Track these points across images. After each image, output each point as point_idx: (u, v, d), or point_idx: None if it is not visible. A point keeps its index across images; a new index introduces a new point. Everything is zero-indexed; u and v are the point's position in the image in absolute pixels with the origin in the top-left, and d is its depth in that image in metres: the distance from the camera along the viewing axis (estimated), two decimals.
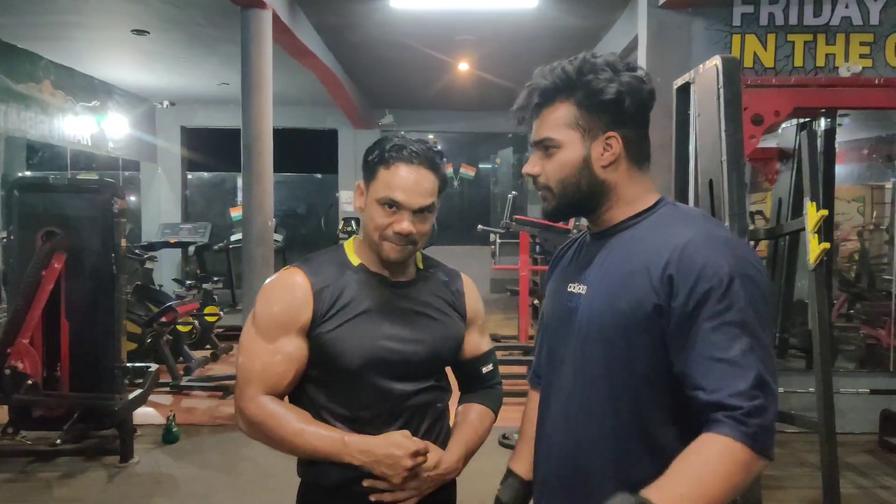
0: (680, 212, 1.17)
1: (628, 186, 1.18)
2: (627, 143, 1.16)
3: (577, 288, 1.22)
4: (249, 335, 1.39)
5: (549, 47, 6.18)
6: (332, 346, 1.36)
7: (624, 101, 1.13)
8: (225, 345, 7.06)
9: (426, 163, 1.37)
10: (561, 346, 1.25)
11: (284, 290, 1.39)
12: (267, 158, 4.69)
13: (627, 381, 1.11)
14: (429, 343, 1.44)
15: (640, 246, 1.13)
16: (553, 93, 1.17)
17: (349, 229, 8.70)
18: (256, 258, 4.67)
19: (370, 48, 6.54)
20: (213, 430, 4.65)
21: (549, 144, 1.19)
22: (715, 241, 1.07)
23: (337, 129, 9.61)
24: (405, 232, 1.36)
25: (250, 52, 4.66)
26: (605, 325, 1.13)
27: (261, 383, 1.35)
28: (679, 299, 1.05)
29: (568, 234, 4.90)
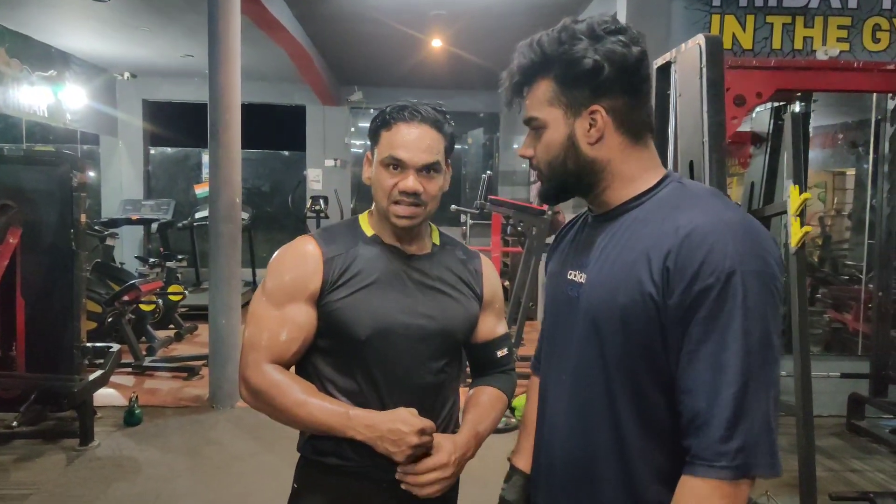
0: (687, 191, 1.07)
1: (624, 163, 1.09)
2: (616, 116, 1.07)
3: (577, 276, 1.14)
4: (258, 302, 1.37)
5: (525, 24, 6.07)
6: (341, 316, 1.33)
7: (602, 69, 1.03)
8: (189, 324, 6.90)
9: (428, 121, 1.35)
10: (560, 336, 1.18)
11: (295, 258, 1.37)
12: (235, 133, 4.53)
13: (625, 380, 1.04)
14: (441, 319, 1.39)
15: (641, 231, 1.05)
16: (532, 70, 1.09)
17: (317, 208, 8.53)
18: (223, 236, 4.52)
19: (341, 22, 6.36)
20: (177, 412, 4.53)
21: (534, 125, 1.12)
22: (723, 228, 0.97)
23: (305, 106, 9.38)
24: (410, 189, 1.32)
25: (217, 22, 4.47)
26: (602, 319, 1.05)
27: (267, 351, 1.32)
28: (675, 297, 0.97)
29: (542, 214, 4.84)
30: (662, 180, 1.10)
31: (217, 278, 4.56)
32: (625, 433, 1.04)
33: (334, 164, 9.42)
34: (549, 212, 4.84)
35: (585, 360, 1.09)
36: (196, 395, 4.88)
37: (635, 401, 1.03)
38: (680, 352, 0.98)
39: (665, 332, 0.99)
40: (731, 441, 0.92)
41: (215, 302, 4.58)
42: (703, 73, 2.94)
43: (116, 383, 4.95)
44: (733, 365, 0.93)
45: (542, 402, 1.24)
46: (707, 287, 0.94)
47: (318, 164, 9.47)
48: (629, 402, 1.04)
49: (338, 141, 9.44)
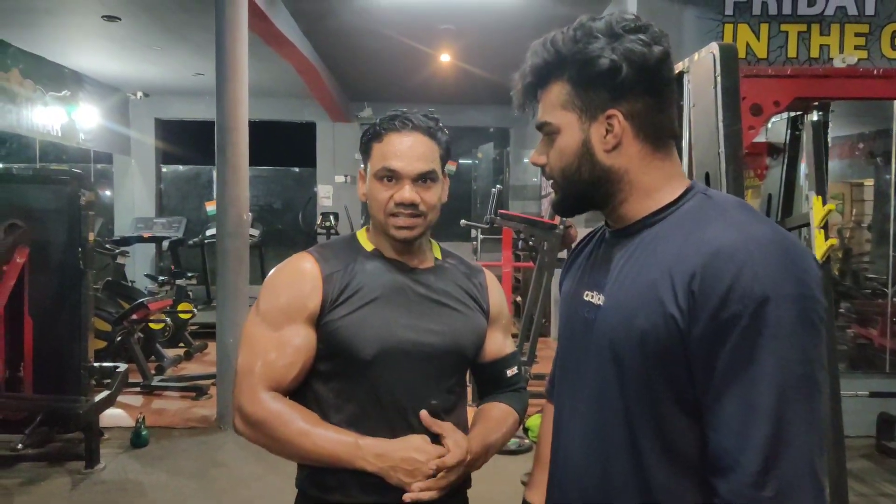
0: (713, 204, 0.97)
1: (644, 173, 1.00)
2: (635, 121, 0.98)
3: (593, 297, 1.05)
4: (252, 325, 1.29)
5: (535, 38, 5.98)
6: (343, 335, 1.25)
7: (620, 70, 0.95)
8: (199, 342, 6.86)
9: (420, 129, 1.30)
10: (574, 361, 1.09)
11: (292, 276, 1.29)
12: (242, 149, 4.50)
13: (646, 410, 0.94)
14: (449, 335, 1.31)
15: (664, 248, 0.95)
16: (545, 71, 1.01)
17: (327, 224, 8.51)
18: (230, 253, 4.48)
19: (349, 37, 6.35)
20: (185, 433, 4.46)
21: (547, 130, 1.03)
22: (753, 246, 0.86)
23: (315, 122, 9.38)
24: (407, 200, 1.26)
25: (225, 39, 4.45)
26: (621, 347, 0.96)
27: (263, 378, 1.24)
28: (700, 325, 0.86)
29: (554, 229, 4.76)
30: (686, 192, 1.00)
31: (224, 296, 4.52)
32: (646, 467, 0.94)
33: (345, 181, 9.40)
34: (560, 226, 4.75)
35: (602, 388, 1.00)
36: (204, 415, 4.81)
37: (658, 432, 0.94)
38: (703, 383, 0.88)
39: (690, 362, 0.90)
40: (764, 488, 0.82)
41: (223, 320, 4.53)
42: (718, 82, 2.85)
43: (124, 403, 4.90)
44: (766, 404, 0.83)
45: (555, 432, 1.15)
46: (735, 315, 0.84)
47: (328, 180, 9.45)
48: (651, 434, 0.94)
49: (348, 157, 9.41)
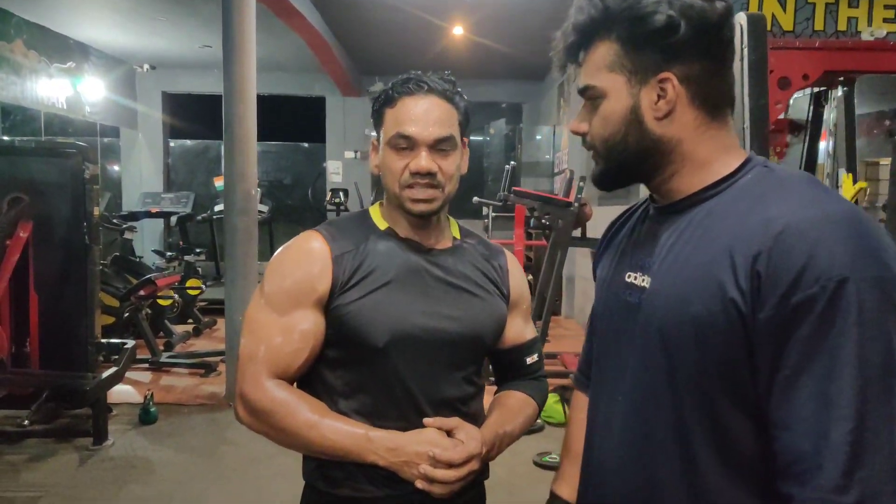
0: (776, 177, 0.87)
1: (698, 143, 0.90)
2: (691, 86, 0.88)
3: (637, 279, 0.96)
4: (256, 309, 1.20)
5: (549, 9, 5.87)
6: (354, 320, 1.16)
7: (677, 28, 0.85)
8: (208, 319, 6.82)
9: (435, 92, 1.19)
10: (614, 350, 1.00)
11: (299, 257, 1.20)
12: (250, 124, 4.40)
13: (700, 404, 0.85)
14: (467, 322, 1.23)
15: (720, 226, 0.86)
16: (591, 29, 0.91)
17: (336, 201, 8.42)
18: (239, 229, 4.41)
19: (361, 9, 6.21)
20: (194, 411, 4.43)
21: (591, 94, 0.93)
22: (827, 223, 0.77)
23: (325, 97, 9.25)
24: (424, 169, 1.16)
25: (232, 10, 4.34)
26: (672, 333, 0.87)
27: (268, 365, 1.16)
28: (768, 310, 0.78)
29: (569, 207, 4.65)
30: (744, 164, 0.90)
31: (233, 273, 4.45)
32: (698, 467, 0.86)
33: (354, 156, 9.29)
34: (575, 204, 4.65)
35: (648, 379, 0.91)
36: (213, 392, 4.78)
37: (712, 429, 0.85)
38: (770, 376, 0.79)
39: (752, 350, 0.81)
40: (848, 493, 0.73)
41: (231, 297, 4.47)
42: (745, 53, 2.73)
43: (132, 379, 4.87)
44: (846, 398, 0.74)
45: (590, 427, 1.06)
46: (810, 298, 0.75)
47: (338, 156, 9.34)
48: (704, 431, 0.85)
49: (358, 132, 9.29)
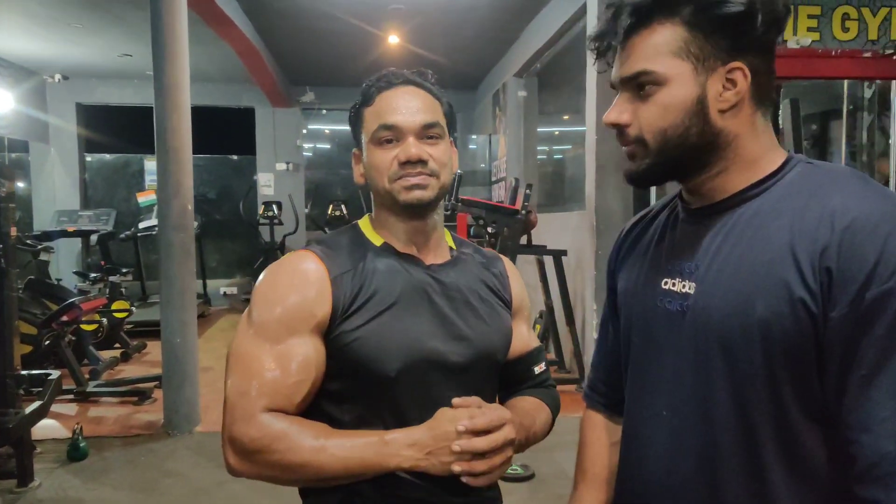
0: (824, 172, 0.85)
1: (752, 139, 0.87)
2: (756, 79, 0.84)
3: (678, 285, 0.90)
4: (244, 341, 1.05)
5: (487, 18, 5.87)
6: (361, 349, 1.04)
7: (756, 17, 0.81)
8: (137, 342, 6.44)
9: (414, 83, 1.14)
10: (656, 362, 0.93)
11: (293, 279, 1.07)
12: (185, 135, 4.17)
13: (769, 414, 0.80)
14: (477, 340, 1.13)
15: (775, 224, 0.82)
16: (650, 9, 0.84)
17: (269, 214, 8.17)
18: (175, 246, 4.15)
19: (293, 18, 6.03)
20: (128, 443, 4.12)
21: (645, 80, 0.85)
22: (894, 216, 0.76)
23: (254, 108, 8.98)
24: (414, 157, 1.07)
25: (163, 16, 4.10)
26: (734, 339, 0.82)
27: (263, 399, 1.01)
28: (841, 307, 0.75)
29: (516, 214, 4.63)
30: (787, 161, 0.87)
31: (169, 292, 4.19)
32: (771, 483, 0.81)
33: (287, 168, 9.04)
34: (523, 211, 4.63)
35: (707, 392, 0.85)
36: (149, 421, 4.47)
37: (782, 438, 0.80)
38: (844, 376, 0.75)
39: (822, 351, 0.77)
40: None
41: (168, 318, 4.21)
42: None
43: (58, 413, 4.51)
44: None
45: (630, 447, 0.99)
46: (886, 293, 0.73)
47: (269, 168, 9.07)
48: (774, 440, 0.81)
49: (289, 144, 9.06)
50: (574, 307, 4.92)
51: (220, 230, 9.46)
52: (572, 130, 6.77)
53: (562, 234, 5.27)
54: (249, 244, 9.14)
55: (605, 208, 4.36)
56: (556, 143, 7.49)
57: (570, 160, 6.85)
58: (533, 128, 7.23)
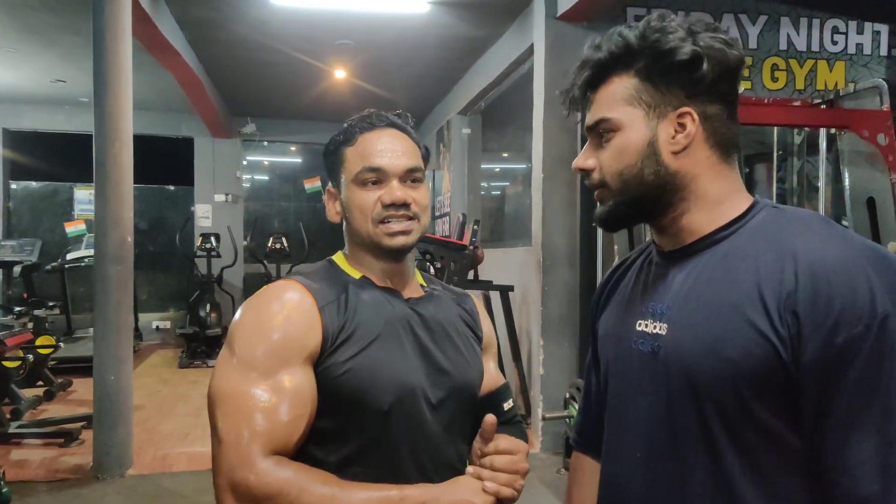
0: (790, 217, 0.88)
1: (711, 181, 0.90)
2: (708, 123, 0.89)
3: (650, 326, 0.92)
4: (229, 378, 1.00)
5: (435, 56, 5.96)
6: (353, 382, 1.02)
7: (700, 64, 0.86)
8: (62, 380, 6.11)
9: (396, 125, 1.15)
10: (630, 404, 0.94)
11: (280, 309, 1.04)
12: (126, 164, 4.04)
13: (742, 454, 0.82)
14: (459, 373, 1.14)
15: (743, 266, 0.84)
16: (608, 65, 0.91)
17: (207, 246, 7.96)
18: (112, 279, 3.99)
19: (239, 49, 5.96)
20: (54, 488, 3.88)
21: (604, 128, 0.91)
22: (858, 259, 0.78)
23: (193, 138, 8.79)
24: (399, 200, 1.09)
25: (105, 42, 3.99)
26: (705, 379, 0.83)
27: (263, 441, 0.96)
28: (810, 352, 0.77)
29: (464, 250, 4.65)
30: (753, 205, 0.91)
31: (105, 327, 4.01)
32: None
33: (225, 200, 8.85)
34: (470, 246, 4.67)
35: (677, 433, 0.87)
36: (76, 464, 4.22)
37: (756, 482, 0.82)
38: (821, 419, 0.78)
39: (795, 393, 0.79)
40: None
41: (102, 354, 4.01)
42: None
43: None
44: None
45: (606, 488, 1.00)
46: (855, 338, 0.75)
47: (207, 199, 8.85)
48: (750, 484, 0.82)
49: (229, 175, 8.89)
50: (520, 343, 4.95)
51: (154, 262, 9.13)
52: (515, 167, 6.90)
53: (506, 270, 5.33)
54: (185, 277, 8.85)
55: (551, 245, 4.43)
56: (500, 179, 7.61)
57: (514, 196, 6.97)
58: (477, 164, 7.33)
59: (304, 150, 9.77)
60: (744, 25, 4.61)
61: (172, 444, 4.65)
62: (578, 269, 4.29)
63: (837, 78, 4.69)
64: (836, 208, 4.42)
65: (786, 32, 4.66)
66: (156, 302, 9.29)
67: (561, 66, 4.39)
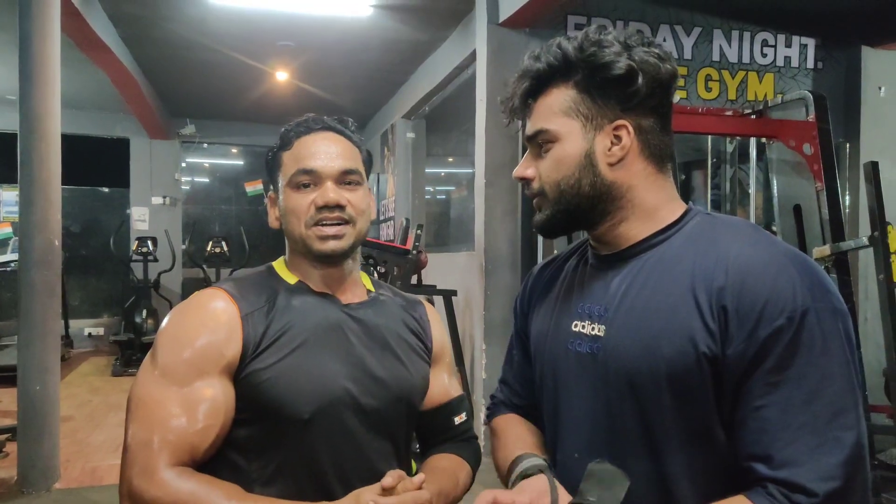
0: (721, 222, 0.93)
1: (647, 191, 0.93)
2: (643, 135, 0.92)
3: (587, 327, 0.94)
4: (147, 383, 0.99)
5: (378, 60, 5.93)
6: (272, 390, 1.00)
7: (635, 79, 0.89)
8: None
9: (334, 129, 1.14)
10: (568, 406, 0.96)
11: (201, 319, 1.03)
12: (53, 165, 3.88)
13: (679, 449, 0.85)
14: (394, 383, 1.11)
15: (677, 269, 0.88)
16: (547, 76, 0.93)
17: (144, 250, 7.72)
18: (37, 285, 3.82)
19: (176, 48, 5.82)
20: None
21: (543, 138, 0.93)
22: (782, 261, 0.84)
23: (129, 139, 8.51)
24: (332, 202, 1.07)
25: (32, 38, 3.83)
26: (643, 378, 0.86)
27: (169, 450, 0.94)
28: (736, 345, 0.81)
29: (407, 255, 4.63)
30: (687, 212, 0.95)
31: (29, 334, 3.84)
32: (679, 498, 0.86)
33: (163, 202, 8.61)
34: (413, 251, 4.65)
35: (616, 432, 0.89)
36: (0, 478, 4.03)
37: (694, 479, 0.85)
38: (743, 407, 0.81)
39: (724, 385, 0.83)
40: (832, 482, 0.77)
41: (27, 363, 3.84)
42: None
43: None
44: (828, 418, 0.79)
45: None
46: (779, 328, 0.79)
47: (144, 202, 8.59)
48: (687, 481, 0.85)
49: (167, 177, 8.64)
50: (463, 347, 4.96)
51: (86, 266, 8.81)
52: (459, 172, 6.92)
53: (449, 274, 5.33)
54: (120, 282, 8.55)
55: (494, 249, 4.46)
56: (443, 183, 7.63)
57: (457, 201, 6.99)
58: (421, 169, 7.32)
59: (245, 153, 9.59)
60: (679, 37, 4.74)
61: (103, 456, 4.48)
62: (520, 273, 4.33)
63: (767, 89, 4.86)
64: (767, 214, 4.59)
65: (718, 44, 4.81)
66: (88, 308, 8.95)
67: (503, 72, 4.42)
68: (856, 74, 4.93)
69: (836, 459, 0.76)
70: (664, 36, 4.71)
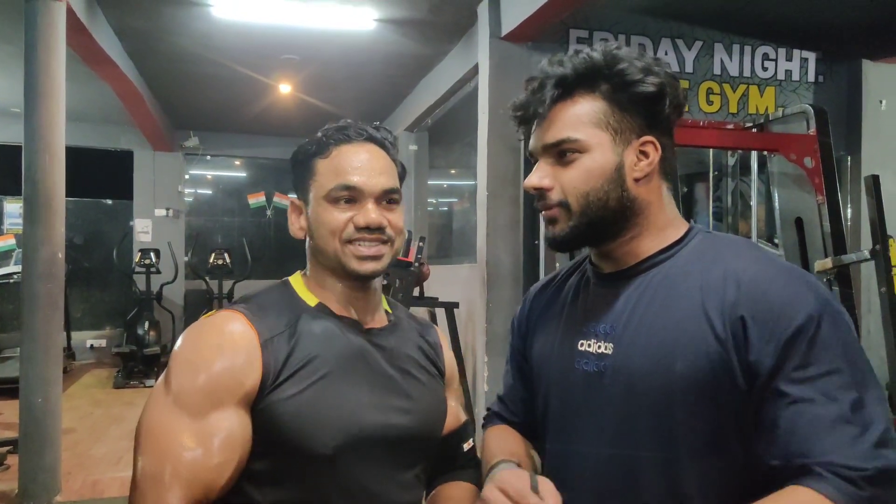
0: (722, 240, 0.95)
1: (661, 209, 0.95)
2: (663, 154, 0.93)
3: (594, 346, 0.94)
4: (160, 411, 0.93)
5: (381, 73, 5.96)
6: (295, 422, 0.95)
7: (664, 98, 0.90)
8: None
9: (375, 141, 1.07)
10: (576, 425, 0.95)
11: (219, 343, 0.96)
12: (58, 179, 3.90)
13: (697, 464, 0.85)
14: (418, 413, 1.06)
15: (685, 285, 0.88)
16: (573, 83, 0.92)
17: (146, 262, 7.72)
18: (41, 297, 3.82)
19: (181, 62, 5.85)
20: None
21: (568, 147, 0.92)
22: (785, 273, 0.86)
23: (133, 151, 8.55)
24: (374, 223, 1.01)
25: (38, 52, 3.86)
26: (657, 395, 0.86)
27: (181, 486, 0.89)
28: (757, 351, 0.81)
29: (410, 267, 4.64)
30: (689, 231, 0.96)
31: (32, 347, 3.84)
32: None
33: (166, 214, 8.63)
34: (416, 263, 4.66)
35: (628, 450, 0.88)
36: (1, 490, 4.02)
37: (709, 493, 0.85)
38: (771, 411, 0.82)
39: (745, 394, 0.83)
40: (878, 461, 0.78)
41: (29, 375, 3.84)
42: None
43: None
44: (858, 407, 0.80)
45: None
46: (798, 329, 0.81)
47: (147, 214, 8.61)
48: (702, 496, 0.85)
49: (170, 189, 8.67)
50: (465, 359, 4.95)
51: (90, 278, 8.82)
52: (461, 184, 6.94)
53: (452, 286, 5.33)
54: (122, 293, 8.56)
55: (497, 261, 4.46)
56: (446, 196, 7.64)
57: (459, 213, 7.00)
58: (423, 181, 7.34)
59: (248, 165, 9.61)
60: (680, 50, 4.76)
61: (104, 469, 4.47)
62: (522, 285, 4.33)
63: (768, 102, 4.88)
64: (769, 227, 4.59)
65: (720, 58, 4.83)
66: (91, 319, 8.96)
67: (505, 86, 4.44)
68: (857, 88, 4.95)
69: (876, 441, 0.78)
70: (666, 49, 4.73)
